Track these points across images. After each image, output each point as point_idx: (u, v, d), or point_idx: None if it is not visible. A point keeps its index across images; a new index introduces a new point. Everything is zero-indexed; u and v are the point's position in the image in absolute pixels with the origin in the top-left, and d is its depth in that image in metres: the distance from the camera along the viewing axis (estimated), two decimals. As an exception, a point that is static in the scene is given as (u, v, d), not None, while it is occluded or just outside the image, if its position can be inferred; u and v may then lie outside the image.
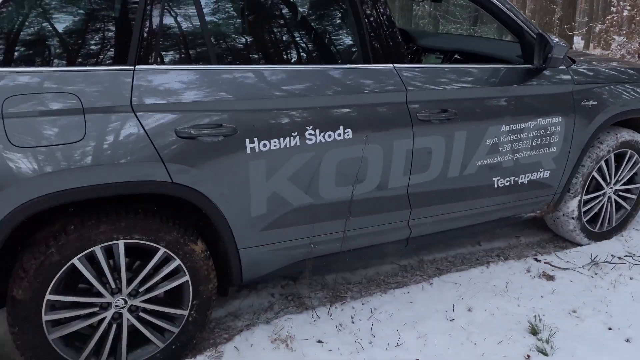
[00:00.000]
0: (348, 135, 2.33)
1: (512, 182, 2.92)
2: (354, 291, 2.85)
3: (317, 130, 2.26)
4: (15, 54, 1.84)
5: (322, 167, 2.31)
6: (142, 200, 2.13)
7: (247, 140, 2.12)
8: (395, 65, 2.47)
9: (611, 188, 3.35)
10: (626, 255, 3.18)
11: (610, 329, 2.49)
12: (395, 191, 2.56)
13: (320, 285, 2.88)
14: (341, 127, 2.31)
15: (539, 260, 3.14)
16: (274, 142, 2.17)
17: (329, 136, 2.29)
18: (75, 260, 1.93)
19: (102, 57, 1.98)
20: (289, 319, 2.46)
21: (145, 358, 2.18)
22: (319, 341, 2.34)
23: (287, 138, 2.20)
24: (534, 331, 2.43)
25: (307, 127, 2.24)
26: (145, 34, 1.99)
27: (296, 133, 2.21)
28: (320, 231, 2.43)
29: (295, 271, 2.76)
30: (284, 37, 2.48)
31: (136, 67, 1.97)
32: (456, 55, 3.63)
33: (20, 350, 1.98)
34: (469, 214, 2.86)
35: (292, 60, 2.44)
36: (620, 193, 3.42)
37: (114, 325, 2.10)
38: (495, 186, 2.87)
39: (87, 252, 1.95)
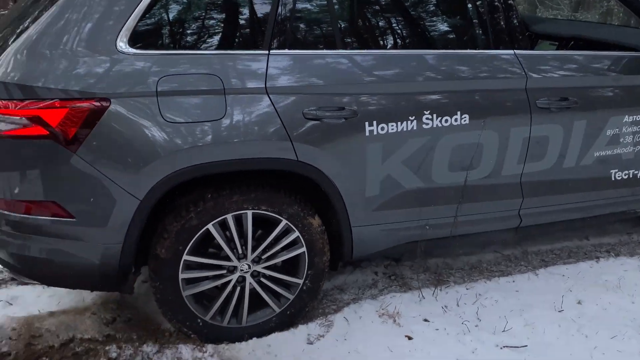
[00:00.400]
0: (465, 120, 2.35)
1: (631, 176, 2.80)
2: (457, 276, 2.88)
3: (434, 115, 2.30)
4: (168, 39, 2.05)
5: (437, 151, 2.36)
6: (267, 176, 2.30)
7: (367, 123, 2.21)
8: (516, 51, 2.45)
9: None
10: None
11: None
12: (508, 179, 2.55)
13: (422, 268, 2.94)
14: (458, 113, 2.34)
15: (655, 260, 3.00)
16: (392, 125, 2.25)
17: (446, 121, 2.33)
18: (210, 226, 2.14)
19: (241, 41, 2.15)
20: (394, 297, 2.56)
21: (263, 320, 2.37)
22: (425, 320, 2.41)
23: (405, 122, 2.27)
24: (651, 330, 2.35)
25: (425, 112, 2.29)
26: (278, 21, 2.13)
27: (413, 117, 2.28)
28: (431, 215, 2.48)
29: (397, 252, 2.85)
30: (405, 23, 2.54)
31: (270, 51, 2.12)
32: (572, 43, 3.50)
33: (158, 303, 2.23)
34: (582, 206, 2.78)
35: (412, 46, 2.49)
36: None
37: (238, 288, 2.30)
38: (612, 179, 2.77)
39: (220, 219, 2.15)
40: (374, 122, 2.22)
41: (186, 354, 2.21)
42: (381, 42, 2.44)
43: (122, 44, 1.96)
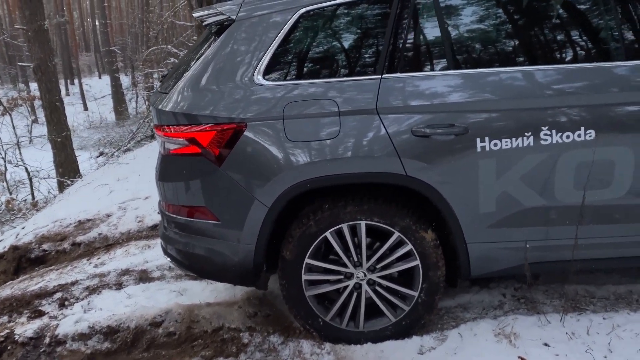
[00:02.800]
0: (590, 136, 2.24)
1: None
2: (597, 306, 2.65)
3: (554, 131, 2.24)
4: (290, 70, 2.41)
5: (559, 168, 2.28)
6: (384, 191, 2.48)
7: (478, 139, 2.26)
8: None
9: None
10: None
11: None
12: None
13: (558, 294, 2.77)
14: (582, 128, 2.24)
15: None
16: (505, 141, 2.26)
17: (567, 137, 2.25)
18: (327, 233, 2.40)
19: (356, 69, 2.41)
20: (516, 318, 2.48)
21: (380, 328, 2.52)
22: (546, 344, 2.30)
23: (520, 138, 2.25)
24: None
25: (543, 128, 2.25)
26: (390, 50, 2.34)
27: (530, 133, 2.25)
28: (555, 235, 2.38)
29: (533, 273, 2.75)
30: (505, 39, 2.50)
31: (382, 76, 2.33)
32: None
33: (285, 300, 2.54)
34: None
35: (523, 62, 2.44)
36: None
37: (355, 294, 2.50)
38: None
39: (337, 228, 2.39)
40: (486, 139, 2.26)
41: (306, 348, 2.48)
42: (487, 60, 2.44)
43: (259, 77, 2.36)
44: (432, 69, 2.39)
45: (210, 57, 2.43)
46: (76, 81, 30.19)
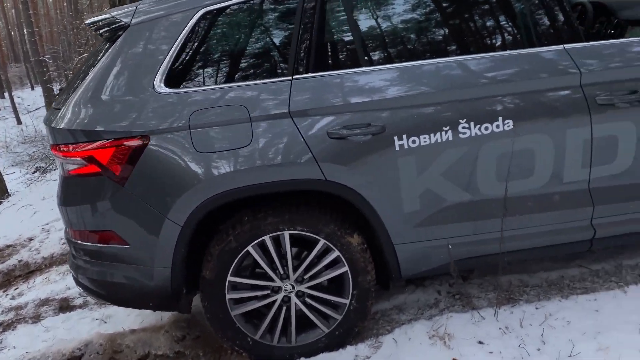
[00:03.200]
0: (508, 126, 2.19)
1: None
2: (531, 294, 2.63)
3: (472, 123, 2.18)
4: (194, 75, 2.24)
5: (480, 161, 2.22)
6: (305, 197, 2.35)
7: (396, 138, 2.17)
8: (565, 45, 2.23)
9: None
10: None
11: None
12: (573, 186, 2.30)
13: (493, 286, 2.74)
14: (500, 118, 2.19)
15: None
16: (424, 138, 2.17)
17: (486, 129, 2.19)
18: (249, 248, 2.25)
19: (265, 71, 2.26)
20: (450, 317, 2.42)
21: (312, 340, 2.40)
22: (480, 342, 2.24)
23: (438, 133, 2.17)
24: None
25: (461, 121, 2.18)
26: (300, 49, 2.20)
27: (448, 127, 2.18)
28: (483, 229, 2.33)
29: (464, 269, 2.70)
30: (431, 29, 2.42)
31: (294, 77, 2.19)
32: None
33: (209, 322, 2.37)
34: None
35: (436, 53, 2.35)
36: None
37: (284, 308, 2.36)
38: None
39: (259, 241, 2.24)
40: (404, 136, 2.17)
41: (236, 370, 2.33)
42: (402, 54, 2.35)
43: (161, 85, 2.18)
44: (345, 67, 2.28)
45: (105, 66, 2.22)
46: (6, 94, 28.63)
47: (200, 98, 2.17)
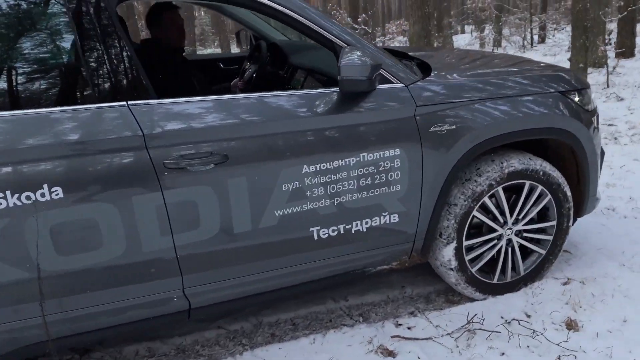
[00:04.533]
0: (57, 195, 1.89)
1: (342, 231, 2.33)
2: (147, 370, 2.31)
3: (8, 192, 1.84)
4: None
5: (28, 235, 1.90)
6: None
7: None
8: (129, 102, 2.00)
9: (510, 229, 2.61)
10: (514, 319, 2.43)
11: None
12: (155, 255, 2.08)
13: (114, 358, 2.42)
14: (45, 186, 1.88)
15: (400, 325, 2.51)
16: None
17: (27, 198, 1.87)
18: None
19: None
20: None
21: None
22: None
23: None
24: None
25: None
26: None
27: None
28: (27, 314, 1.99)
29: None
30: None
31: None
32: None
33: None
34: (277, 274, 2.30)
35: None
36: (527, 234, 2.67)
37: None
38: (316, 237, 2.30)
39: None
40: None
41: None
42: None
43: None
44: None
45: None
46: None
47: None
